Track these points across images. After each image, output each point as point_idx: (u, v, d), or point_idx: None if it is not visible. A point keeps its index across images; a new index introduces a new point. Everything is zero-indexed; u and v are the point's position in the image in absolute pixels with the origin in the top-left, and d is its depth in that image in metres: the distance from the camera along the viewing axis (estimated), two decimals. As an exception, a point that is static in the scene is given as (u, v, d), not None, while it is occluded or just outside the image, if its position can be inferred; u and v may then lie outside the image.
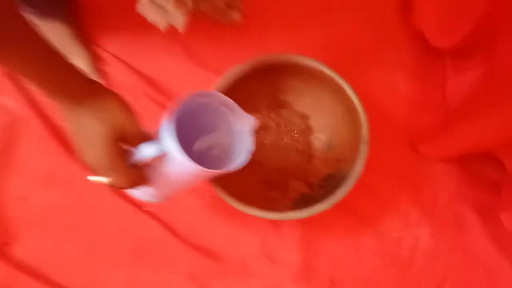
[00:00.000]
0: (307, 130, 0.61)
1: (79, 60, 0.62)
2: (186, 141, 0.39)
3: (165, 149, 0.37)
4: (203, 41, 0.67)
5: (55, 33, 0.61)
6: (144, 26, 0.66)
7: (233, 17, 0.66)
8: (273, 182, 0.58)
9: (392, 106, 0.64)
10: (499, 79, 0.51)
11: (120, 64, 0.65)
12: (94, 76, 0.63)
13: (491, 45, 0.58)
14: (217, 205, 0.59)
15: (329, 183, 0.57)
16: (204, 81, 0.63)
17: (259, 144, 0.59)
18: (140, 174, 0.39)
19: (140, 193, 0.43)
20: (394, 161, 0.62)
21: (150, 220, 0.59)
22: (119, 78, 0.64)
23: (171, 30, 0.66)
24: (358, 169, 0.51)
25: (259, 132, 0.60)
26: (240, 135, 0.44)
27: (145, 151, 0.37)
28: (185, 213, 0.59)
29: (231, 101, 0.42)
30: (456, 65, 0.64)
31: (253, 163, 0.57)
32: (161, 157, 0.38)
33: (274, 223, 0.59)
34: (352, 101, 0.54)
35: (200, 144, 0.48)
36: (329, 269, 0.58)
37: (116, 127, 0.36)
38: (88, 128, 0.35)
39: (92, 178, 0.38)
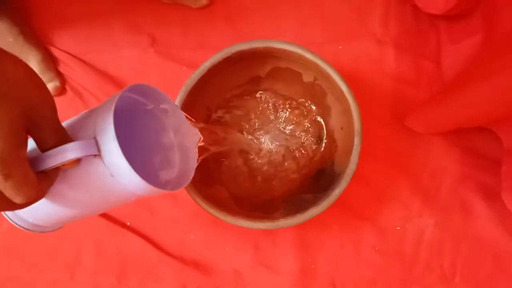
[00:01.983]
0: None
1: (31, 62, 0.56)
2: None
3: (101, 151, 0.26)
4: (170, 30, 0.61)
5: None
6: (101, 17, 0.60)
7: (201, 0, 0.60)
8: (260, 184, 0.54)
9: (381, 83, 0.59)
10: (498, 45, 0.46)
11: (77, 62, 0.59)
12: (47, 79, 0.57)
13: (490, 9, 0.53)
14: (202, 214, 0.54)
15: (321, 180, 0.53)
16: (175, 75, 0.58)
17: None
18: (46, 182, 0.26)
19: (24, 214, 0.31)
20: (387, 147, 0.57)
21: (133, 235, 0.54)
22: (78, 79, 0.59)
23: (133, 21, 0.61)
24: (352, 165, 0.46)
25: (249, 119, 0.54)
26: (182, 148, 0.36)
27: (69, 148, 0.25)
28: (168, 225, 0.55)
29: (181, 112, 0.35)
30: (452, 34, 0.59)
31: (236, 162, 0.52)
32: (87, 162, 0.27)
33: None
34: (341, 89, 0.48)
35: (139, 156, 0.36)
36: (329, 272, 0.54)
37: (22, 107, 0.24)
38: None
39: None
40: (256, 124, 0.55)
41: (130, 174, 0.26)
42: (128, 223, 0.55)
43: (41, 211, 0.30)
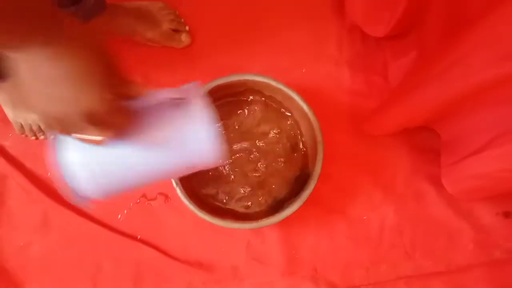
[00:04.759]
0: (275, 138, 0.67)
1: None
2: None
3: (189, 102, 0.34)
4: (159, 69, 0.71)
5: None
6: None
7: (182, 40, 0.71)
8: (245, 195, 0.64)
9: (340, 97, 0.70)
10: (428, 59, 0.57)
11: None
12: None
13: (420, 29, 0.64)
14: (200, 222, 0.64)
15: (294, 183, 0.64)
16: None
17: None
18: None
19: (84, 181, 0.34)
20: (349, 150, 0.68)
21: (144, 246, 0.64)
22: None
23: (127, 63, 0.71)
24: (318, 169, 0.57)
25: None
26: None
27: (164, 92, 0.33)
28: (173, 234, 0.65)
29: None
30: (394, 51, 0.71)
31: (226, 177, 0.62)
32: (176, 105, 0.34)
33: (255, 229, 0.65)
34: (303, 108, 0.60)
35: None
36: (311, 260, 0.64)
37: (107, 59, 0.29)
38: (74, 61, 0.27)
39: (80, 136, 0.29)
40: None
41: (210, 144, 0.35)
42: (139, 236, 0.65)
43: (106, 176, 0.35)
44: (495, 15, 0.39)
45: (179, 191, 0.55)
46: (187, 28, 0.72)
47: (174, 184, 0.55)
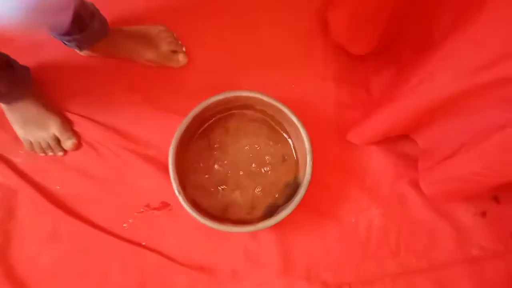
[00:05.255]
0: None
1: (53, 126, 0.70)
2: None
3: None
4: (159, 87, 0.77)
5: (26, 110, 0.69)
6: (103, 84, 0.76)
7: (179, 60, 0.76)
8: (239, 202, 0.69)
9: (327, 109, 0.76)
10: (404, 74, 0.63)
11: (88, 122, 0.73)
12: (66, 138, 0.72)
13: (398, 47, 0.71)
14: (200, 229, 0.69)
15: (288, 190, 0.69)
16: (167, 122, 0.73)
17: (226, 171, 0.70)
18: None
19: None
20: (336, 158, 0.74)
21: (149, 253, 0.69)
22: (90, 135, 0.73)
23: (129, 84, 0.76)
24: (308, 176, 0.63)
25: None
26: None
27: None
28: (176, 240, 0.69)
29: None
30: (375, 67, 0.77)
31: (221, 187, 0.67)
32: None
33: (252, 233, 0.70)
34: (292, 120, 0.65)
35: None
36: (304, 261, 0.69)
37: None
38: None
39: None
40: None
41: None
42: (143, 243, 0.70)
43: None
44: (454, 36, 0.46)
45: (181, 199, 0.60)
46: (183, 49, 0.77)
47: (177, 192, 0.60)
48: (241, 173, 0.69)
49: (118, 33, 0.73)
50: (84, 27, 0.64)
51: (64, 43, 0.68)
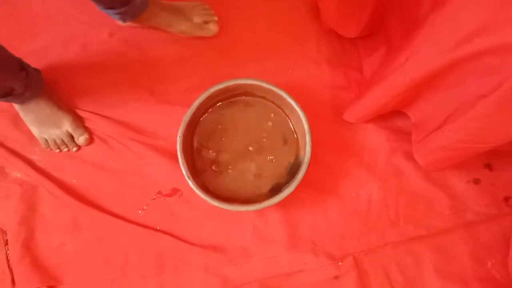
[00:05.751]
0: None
1: (66, 123, 0.75)
2: None
3: None
4: (163, 82, 0.81)
5: (40, 110, 0.73)
6: (110, 82, 0.80)
7: (210, 28, 0.81)
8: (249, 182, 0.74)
9: (323, 92, 0.80)
10: (392, 54, 0.66)
11: (99, 118, 0.78)
12: (79, 134, 0.76)
13: (386, 29, 0.74)
14: (210, 211, 0.74)
15: (292, 169, 0.73)
16: (172, 114, 0.77)
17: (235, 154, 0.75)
18: None
19: None
20: (334, 137, 0.78)
21: (164, 236, 0.73)
22: (101, 130, 0.78)
23: (134, 80, 0.81)
24: (308, 155, 0.67)
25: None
26: None
27: None
28: (188, 223, 0.74)
29: None
30: (366, 49, 0.81)
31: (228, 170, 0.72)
32: None
33: (259, 212, 0.74)
34: (291, 104, 0.69)
35: None
36: (309, 235, 0.74)
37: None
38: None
39: None
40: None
41: None
42: (158, 227, 0.75)
43: None
44: (435, 15, 0.49)
45: (191, 183, 0.65)
46: (215, 18, 0.82)
47: (186, 177, 0.65)
48: (246, 155, 0.74)
49: (156, 5, 0.77)
50: (127, 1, 0.70)
51: (110, 15, 0.73)
